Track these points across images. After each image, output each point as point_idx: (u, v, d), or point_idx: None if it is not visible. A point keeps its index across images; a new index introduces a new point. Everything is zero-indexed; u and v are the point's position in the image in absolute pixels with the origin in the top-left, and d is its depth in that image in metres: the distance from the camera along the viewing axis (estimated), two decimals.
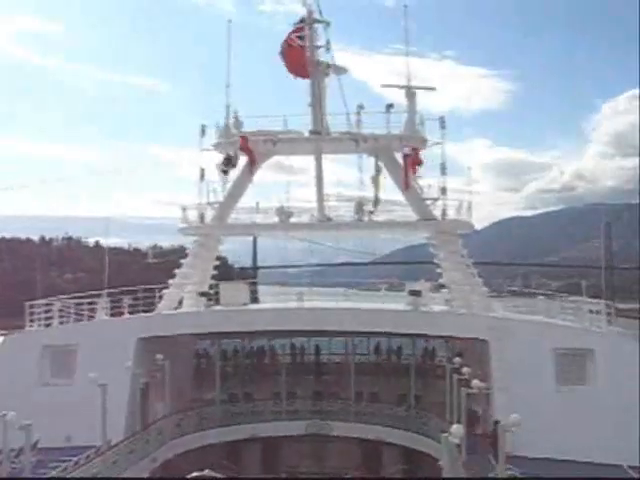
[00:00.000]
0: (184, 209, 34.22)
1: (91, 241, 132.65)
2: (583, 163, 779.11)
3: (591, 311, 27.96)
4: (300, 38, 33.63)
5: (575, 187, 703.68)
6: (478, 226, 34.06)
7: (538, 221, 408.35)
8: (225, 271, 35.43)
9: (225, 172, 33.26)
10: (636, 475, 22.18)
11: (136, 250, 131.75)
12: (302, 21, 33.72)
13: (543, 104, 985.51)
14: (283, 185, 34.82)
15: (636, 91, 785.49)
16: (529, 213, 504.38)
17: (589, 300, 28.74)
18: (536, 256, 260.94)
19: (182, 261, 35.04)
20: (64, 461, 23.93)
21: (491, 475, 21.43)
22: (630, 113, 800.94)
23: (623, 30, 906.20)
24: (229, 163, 33.11)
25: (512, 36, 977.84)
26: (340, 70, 34.16)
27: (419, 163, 32.56)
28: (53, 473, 22.58)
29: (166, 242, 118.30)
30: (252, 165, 33.39)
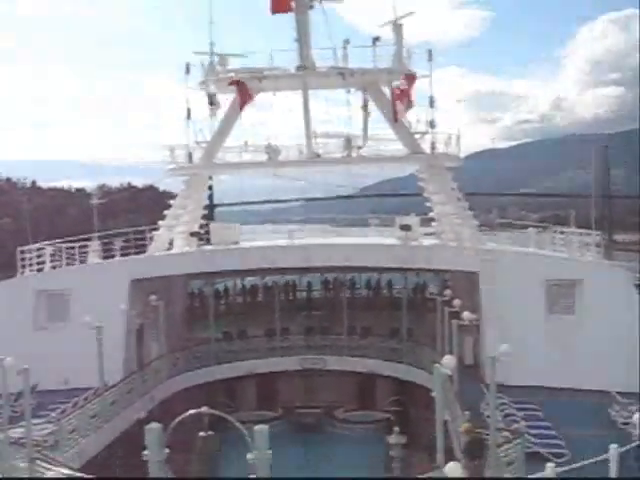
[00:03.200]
0: (171, 149, 33.95)
1: (28, 182, 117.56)
2: (560, 93, 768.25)
3: (587, 243, 28.15)
4: None
5: (553, 117, 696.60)
6: None
7: (512, 153, 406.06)
8: None
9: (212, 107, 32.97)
10: (623, 400, 22.65)
11: (79, 190, 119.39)
12: None
13: (519, 32, 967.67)
14: (268, 123, 34.62)
15: (612, 15, 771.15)
16: (505, 145, 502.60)
17: (580, 231, 28.88)
18: (511, 188, 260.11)
19: (171, 202, 34.94)
20: (63, 403, 24.34)
21: (482, 403, 21.95)
22: (607, 37, 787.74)
23: None
24: (212, 103, 32.82)
25: None
26: None
27: (410, 101, 32.28)
28: (53, 415, 22.97)
29: (139, 183, 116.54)
30: (242, 102, 32.98)
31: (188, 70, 33.48)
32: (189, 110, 33.43)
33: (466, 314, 25.03)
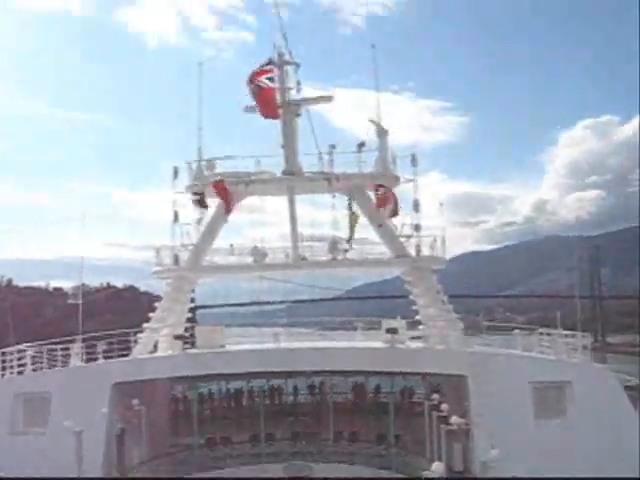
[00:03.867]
0: (158, 251, 34.14)
1: (4, 281, 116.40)
2: (542, 195, 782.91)
3: (571, 344, 28.14)
4: (270, 80, 34.04)
5: (535, 220, 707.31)
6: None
7: (495, 255, 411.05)
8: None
9: (199, 202, 33.38)
10: None
11: (56, 290, 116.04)
12: (270, 62, 34.12)
13: (498, 137, 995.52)
14: (255, 226, 35.01)
15: (589, 121, 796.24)
16: (487, 248, 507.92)
17: (567, 332, 28.90)
18: (494, 291, 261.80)
19: (156, 304, 34.83)
20: None
21: None
22: (586, 142, 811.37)
23: (578, 61, 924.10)
24: (201, 204, 33.26)
25: (470, 69, 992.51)
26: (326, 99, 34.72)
27: (395, 210, 32.94)
28: None
29: (119, 282, 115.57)
30: (226, 207, 33.42)
31: (176, 174, 34.10)
32: (176, 213, 33.90)
33: (454, 419, 24.77)
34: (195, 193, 33.26)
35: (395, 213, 33.45)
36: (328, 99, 35.27)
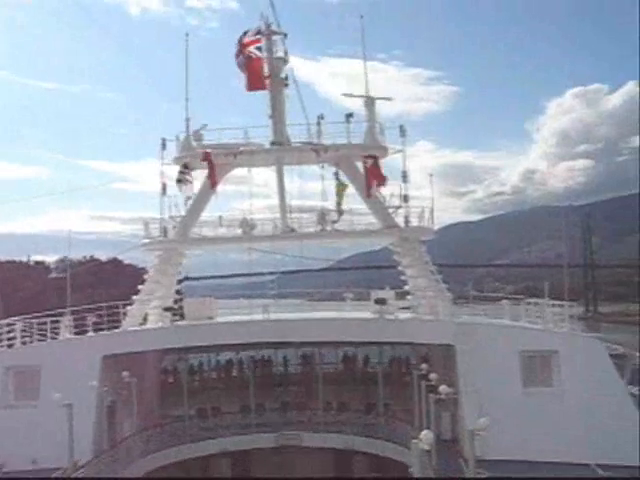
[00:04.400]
0: (146, 224, 34.03)
1: None
2: (530, 165, 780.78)
3: (558, 313, 28.32)
4: (258, 50, 33.80)
5: (524, 190, 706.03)
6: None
7: (483, 226, 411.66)
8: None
9: (180, 181, 33.18)
10: (603, 472, 22.49)
11: (38, 263, 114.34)
12: (259, 32, 33.84)
13: (488, 106, 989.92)
14: (243, 197, 34.92)
15: (581, 88, 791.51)
16: (476, 218, 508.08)
17: (554, 302, 29.06)
18: (483, 261, 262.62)
19: (145, 276, 34.82)
20: None
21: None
22: (575, 111, 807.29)
23: (566, 28, 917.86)
24: (184, 174, 33.09)
25: (458, 36, 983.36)
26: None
27: (384, 177, 32.86)
28: None
29: (103, 256, 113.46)
30: (213, 179, 33.29)
31: (164, 146, 33.90)
32: (164, 185, 33.75)
33: (443, 388, 24.90)
34: (181, 172, 33.05)
35: (382, 184, 33.38)
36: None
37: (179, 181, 33.21)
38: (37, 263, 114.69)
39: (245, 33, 33.99)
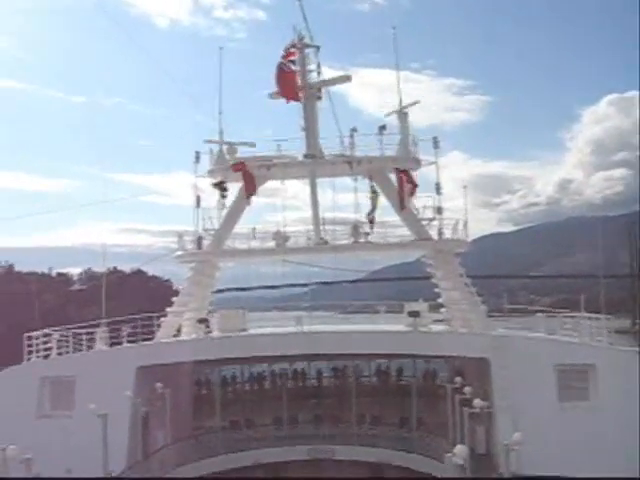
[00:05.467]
0: (180, 236, 34.27)
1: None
2: (566, 175, 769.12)
3: (595, 326, 27.91)
4: (292, 63, 33.99)
5: (559, 201, 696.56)
6: None
7: (517, 237, 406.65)
8: (167, 295, 34.96)
9: (223, 196, 33.42)
10: None
11: (60, 275, 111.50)
12: (293, 46, 34.04)
13: (521, 115, 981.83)
14: (275, 210, 34.99)
15: (616, 96, 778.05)
16: (509, 229, 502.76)
17: (590, 315, 28.64)
18: (518, 273, 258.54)
19: (180, 288, 35.03)
20: None
21: None
22: (611, 119, 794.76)
23: (600, 34, 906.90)
24: (222, 189, 33.30)
25: (491, 44, 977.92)
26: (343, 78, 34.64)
27: (414, 186, 32.78)
28: None
29: (127, 268, 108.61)
30: (248, 190, 33.44)
31: (198, 159, 34.16)
32: (198, 197, 34.00)
33: (477, 402, 24.69)
34: (217, 186, 33.26)
35: (412, 193, 33.27)
36: (346, 79, 35.03)
37: (222, 195, 33.39)
38: (59, 275, 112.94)
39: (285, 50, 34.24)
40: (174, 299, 34.58)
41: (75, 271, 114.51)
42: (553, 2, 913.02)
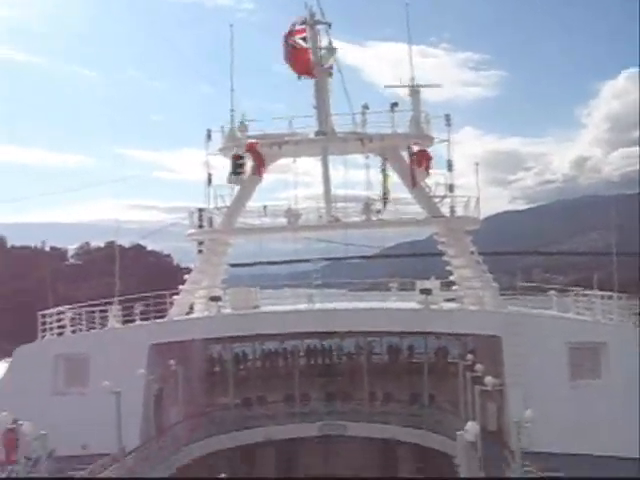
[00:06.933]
0: (192, 213, 34.29)
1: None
2: (582, 152, 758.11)
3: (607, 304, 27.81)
4: (303, 40, 33.79)
5: (576, 178, 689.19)
6: None
7: (530, 215, 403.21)
8: (166, 271, 34.59)
9: (238, 173, 33.22)
10: None
11: (54, 249, 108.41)
12: (304, 22, 33.80)
13: (537, 91, 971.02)
14: (287, 187, 34.91)
15: (634, 70, 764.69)
16: (523, 207, 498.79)
17: (603, 293, 28.54)
18: (531, 250, 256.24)
19: (191, 266, 35.10)
20: (80, 469, 24.03)
21: (508, 471, 21.44)
22: (630, 94, 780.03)
23: (619, 7, 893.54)
24: (239, 166, 33.09)
25: (508, 18, 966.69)
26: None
27: (428, 159, 32.68)
28: None
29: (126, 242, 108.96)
30: (259, 168, 33.39)
31: (209, 136, 34.09)
32: (210, 175, 33.96)
33: (489, 379, 24.75)
34: (236, 158, 33.03)
35: (426, 174, 33.19)
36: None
37: (237, 173, 33.16)
38: (53, 249, 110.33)
39: (293, 26, 33.98)
40: (186, 277, 34.65)
41: (72, 246, 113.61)
42: None
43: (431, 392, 33.90)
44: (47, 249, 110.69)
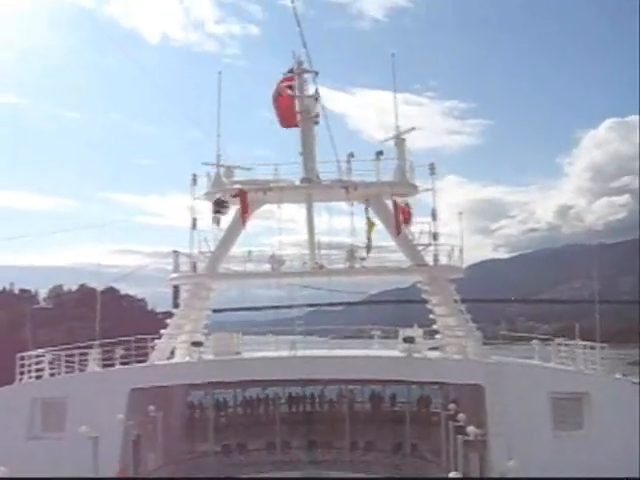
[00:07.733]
0: (176, 258, 34.18)
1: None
2: (567, 201, 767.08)
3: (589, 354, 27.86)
4: (289, 88, 34.22)
5: (559, 227, 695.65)
6: None
7: (513, 264, 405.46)
8: (140, 315, 34.27)
9: (218, 214, 33.21)
10: None
11: (23, 292, 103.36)
12: (291, 71, 34.29)
13: (519, 140, 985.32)
14: (271, 233, 34.99)
15: (616, 120, 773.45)
16: (506, 255, 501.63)
17: (585, 343, 28.61)
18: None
19: (174, 311, 34.90)
20: None
21: None
22: (611, 143, 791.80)
23: (600, 58, 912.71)
24: (221, 207, 33.11)
25: (492, 68, 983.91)
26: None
27: (407, 213, 32.97)
28: None
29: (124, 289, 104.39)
30: (244, 214, 33.45)
31: (195, 181, 34.20)
32: (194, 220, 33.96)
33: (471, 429, 24.58)
34: (217, 203, 33.11)
35: (408, 222, 33.45)
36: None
37: (217, 212, 33.16)
38: (22, 291, 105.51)
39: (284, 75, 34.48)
40: (168, 321, 34.42)
41: (43, 290, 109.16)
42: (554, 26, 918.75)
43: (413, 441, 33.62)
44: (16, 292, 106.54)
